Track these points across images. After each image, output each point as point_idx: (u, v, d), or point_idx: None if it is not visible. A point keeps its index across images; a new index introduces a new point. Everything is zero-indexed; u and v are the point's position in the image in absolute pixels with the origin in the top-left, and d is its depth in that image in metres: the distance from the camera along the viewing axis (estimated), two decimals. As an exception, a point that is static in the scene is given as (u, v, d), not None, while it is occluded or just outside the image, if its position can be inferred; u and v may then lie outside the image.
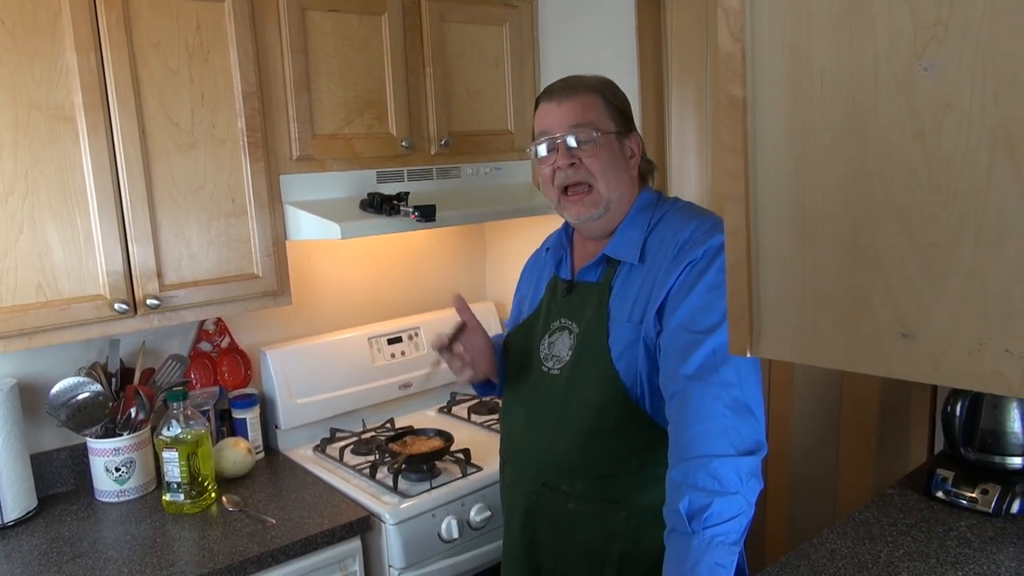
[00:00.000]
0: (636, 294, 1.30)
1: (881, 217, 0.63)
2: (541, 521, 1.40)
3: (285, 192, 1.87)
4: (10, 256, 1.52)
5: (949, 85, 0.58)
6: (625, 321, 1.30)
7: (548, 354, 1.40)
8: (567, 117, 1.32)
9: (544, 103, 1.37)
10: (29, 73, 1.51)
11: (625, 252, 1.34)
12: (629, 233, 1.35)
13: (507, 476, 1.51)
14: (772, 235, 0.69)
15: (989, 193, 0.57)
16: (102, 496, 1.82)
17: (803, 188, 0.67)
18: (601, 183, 1.33)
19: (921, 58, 0.59)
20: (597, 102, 1.33)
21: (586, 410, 1.32)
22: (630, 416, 1.29)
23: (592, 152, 1.32)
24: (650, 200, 1.39)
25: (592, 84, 1.36)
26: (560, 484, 1.36)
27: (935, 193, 0.60)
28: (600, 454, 1.31)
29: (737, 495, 1.15)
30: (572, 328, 1.37)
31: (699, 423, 1.17)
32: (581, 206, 1.35)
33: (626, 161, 1.36)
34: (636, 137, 1.39)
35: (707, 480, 1.14)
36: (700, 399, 1.18)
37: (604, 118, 1.33)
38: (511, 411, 1.48)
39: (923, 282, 0.61)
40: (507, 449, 1.51)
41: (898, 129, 0.61)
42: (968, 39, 0.56)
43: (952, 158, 0.58)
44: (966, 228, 0.58)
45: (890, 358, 0.63)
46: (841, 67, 0.63)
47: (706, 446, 1.16)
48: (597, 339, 1.31)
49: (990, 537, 1.37)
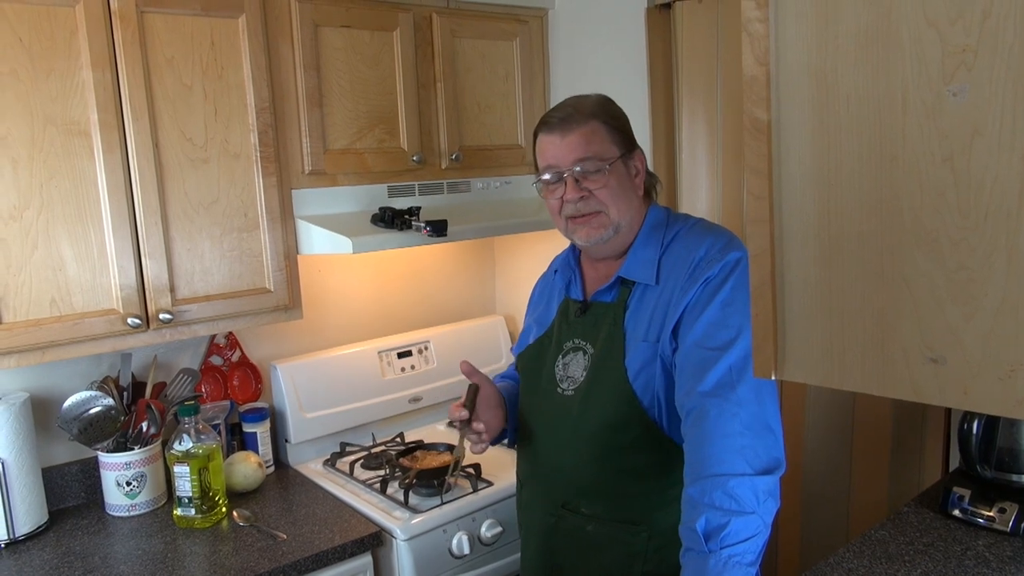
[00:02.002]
0: (651, 313, 1.29)
1: (909, 240, 0.62)
2: (560, 543, 1.38)
3: (297, 206, 1.88)
4: (24, 271, 1.52)
5: (978, 110, 0.57)
6: (641, 340, 1.29)
7: (563, 375, 1.39)
8: (572, 151, 1.30)
9: (544, 135, 1.34)
10: (45, 89, 1.52)
11: (640, 273, 1.33)
12: (642, 253, 1.34)
13: (524, 498, 1.50)
14: (797, 257, 0.69)
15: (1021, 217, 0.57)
16: (113, 510, 1.82)
17: (829, 211, 0.67)
18: (613, 210, 1.32)
19: (950, 83, 0.59)
20: (599, 130, 1.31)
21: (603, 430, 1.31)
22: (648, 435, 1.28)
23: (602, 182, 1.30)
24: (660, 218, 1.38)
25: (591, 111, 1.33)
26: (579, 506, 1.35)
27: (965, 217, 0.59)
28: (618, 474, 1.30)
29: (754, 515, 1.14)
30: (586, 349, 1.36)
31: (716, 441, 1.16)
32: (589, 228, 1.33)
33: (631, 181, 1.35)
34: (639, 154, 1.38)
35: (724, 499, 1.14)
36: (717, 417, 1.17)
37: (608, 145, 1.31)
38: (527, 433, 1.47)
39: (952, 306, 0.61)
40: (524, 471, 1.50)
41: (927, 153, 0.61)
42: (997, 65, 0.56)
43: (982, 182, 0.58)
44: (997, 252, 0.58)
45: (919, 383, 0.63)
46: (868, 91, 0.63)
47: (723, 464, 1.15)
48: (613, 359, 1.31)
49: (1008, 556, 1.36)
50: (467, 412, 1.41)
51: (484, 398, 1.46)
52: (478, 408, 1.44)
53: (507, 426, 1.53)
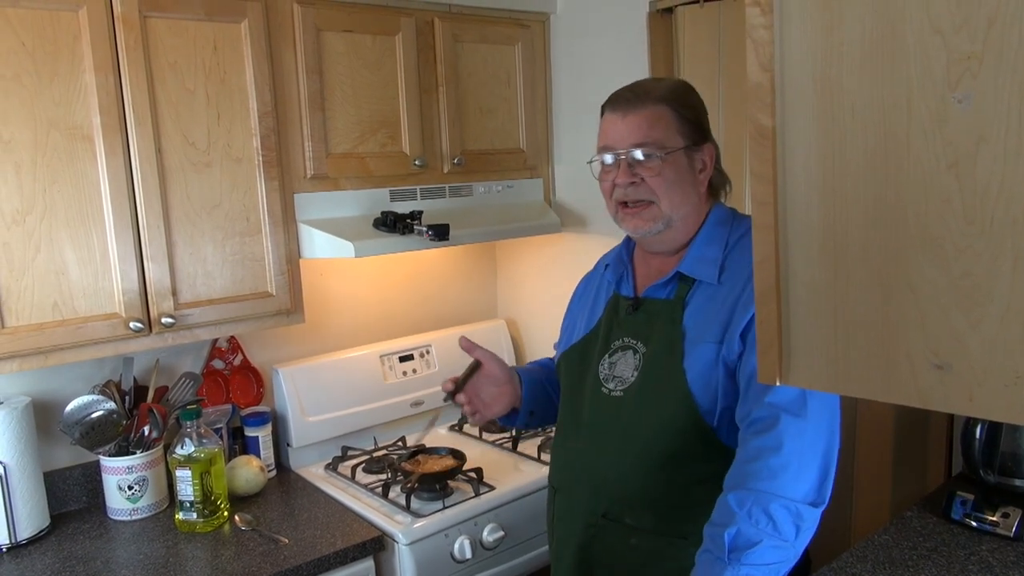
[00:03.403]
0: (714, 313, 1.22)
1: (914, 247, 0.63)
2: (599, 557, 1.29)
3: (299, 210, 1.88)
4: (27, 275, 1.53)
5: (984, 118, 0.58)
6: (703, 341, 1.21)
7: (609, 375, 1.30)
8: (631, 133, 1.24)
9: (609, 113, 1.28)
10: (48, 93, 1.52)
11: (702, 270, 1.25)
12: (705, 250, 1.27)
13: (559, 507, 1.39)
14: (802, 263, 0.69)
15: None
16: (115, 514, 1.82)
17: (834, 217, 0.67)
18: (664, 201, 1.25)
19: (955, 90, 0.59)
20: (665, 115, 1.24)
21: (655, 434, 1.22)
22: (702, 442, 1.20)
23: (656, 170, 1.23)
24: (725, 216, 1.31)
25: (662, 95, 1.25)
26: (623, 516, 1.26)
27: (970, 224, 0.59)
28: (669, 483, 1.22)
29: (788, 544, 1.08)
30: (637, 347, 1.28)
31: (774, 456, 1.09)
32: (639, 219, 1.26)
33: (694, 176, 1.27)
34: (710, 148, 1.29)
35: (763, 518, 1.08)
36: (782, 432, 1.10)
37: (672, 133, 1.24)
38: (566, 436, 1.38)
39: (958, 313, 0.61)
40: (560, 477, 1.40)
41: (932, 160, 0.61)
42: (1003, 72, 0.56)
43: (988, 189, 0.58)
44: (1002, 259, 0.58)
45: (924, 389, 0.63)
46: (873, 97, 0.63)
47: (774, 483, 1.08)
48: (671, 359, 1.23)
49: (1012, 562, 1.35)
50: (451, 385, 1.41)
51: (485, 374, 1.42)
52: (476, 384, 1.42)
53: (520, 406, 1.48)
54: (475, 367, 1.43)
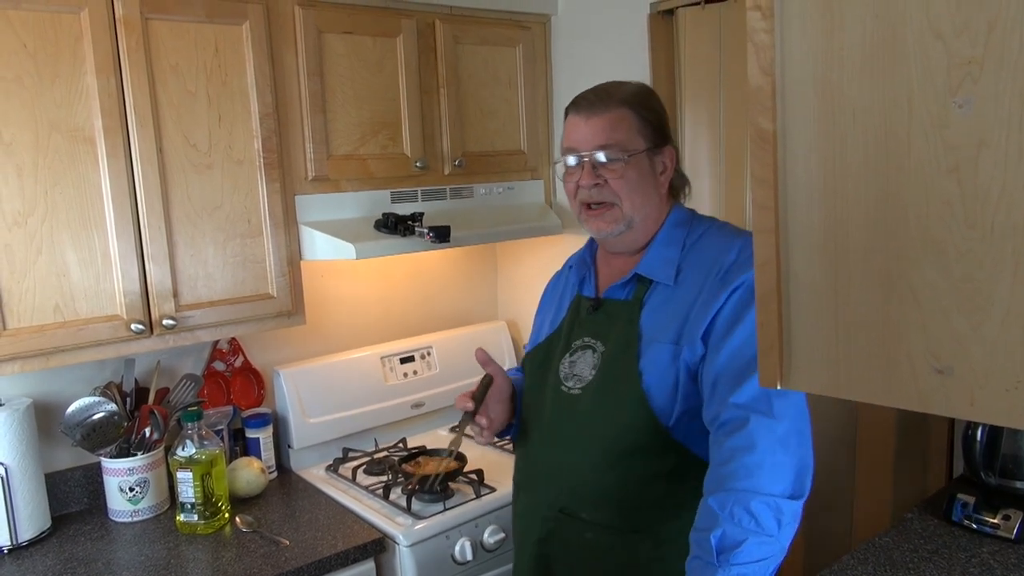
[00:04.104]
0: (671, 314, 1.24)
1: (916, 251, 0.63)
2: (556, 551, 1.33)
3: (300, 212, 1.88)
4: (29, 277, 1.53)
5: (984, 122, 0.58)
6: (658, 341, 1.24)
7: (568, 373, 1.33)
8: (595, 135, 1.27)
9: (573, 115, 1.31)
10: (50, 95, 1.52)
11: (659, 271, 1.28)
12: (663, 251, 1.30)
13: (520, 504, 1.44)
14: (803, 267, 0.69)
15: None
16: (116, 516, 1.82)
17: (835, 221, 0.67)
18: (626, 203, 1.28)
19: (955, 95, 0.59)
20: (627, 117, 1.27)
21: (610, 432, 1.25)
22: (657, 439, 1.23)
23: (619, 172, 1.26)
24: (683, 218, 1.34)
25: (624, 97, 1.29)
26: (579, 512, 1.29)
27: (971, 228, 0.59)
28: (624, 479, 1.25)
29: (773, 539, 1.10)
30: (596, 347, 1.31)
31: (747, 455, 1.11)
32: (602, 221, 1.30)
33: (655, 178, 1.31)
34: (670, 150, 1.33)
35: (744, 516, 1.09)
36: (752, 431, 1.12)
37: (634, 135, 1.27)
38: (526, 434, 1.42)
39: (959, 317, 0.61)
40: (521, 475, 1.44)
41: (933, 164, 0.61)
42: (1004, 77, 0.56)
43: (989, 194, 0.58)
44: (1004, 264, 0.58)
45: (925, 393, 0.63)
46: (874, 101, 0.63)
47: (751, 481, 1.10)
48: (626, 358, 1.25)
49: (1013, 564, 1.35)
50: (472, 404, 1.37)
51: (495, 390, 1.42)
52: (487, 401, 1.40)
53: (514, 421, 1.49)
54: (489, 382, 1.41)
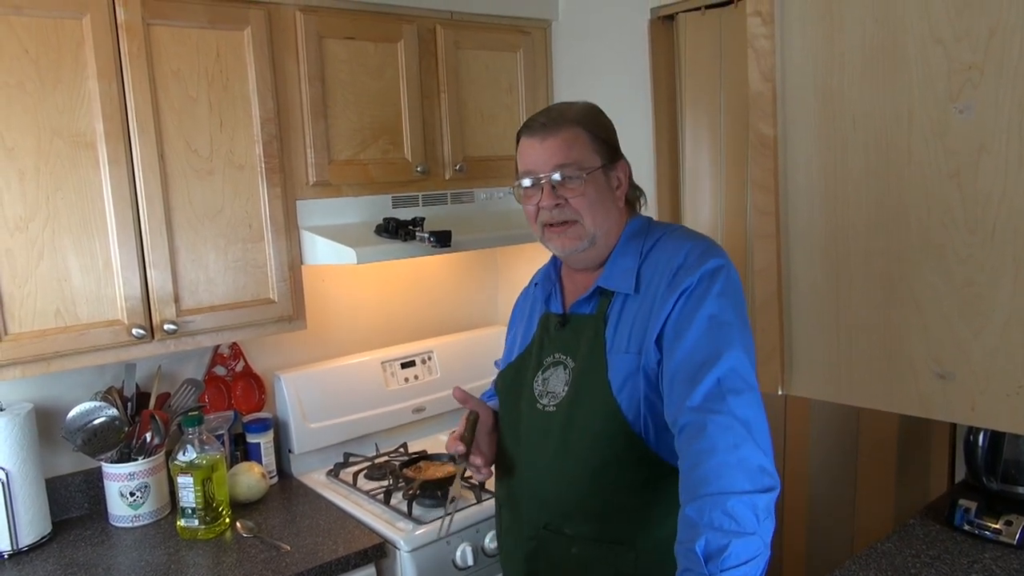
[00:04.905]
0: (632, 323, 1.25)
1: (917, 256, 0.63)
2: (543, 567, 1.33)
3: (301, 217, 1.88)
4: (30, 282, 1.53)
5: (985, 128, 0.58)
6: (623, 352, 1.25)
7: (543, 391, 1.34)
8: (551, 156, 1.27)
9: (525, 138, 1.32)
10: (52, 101, 1.52)
11: (619, 282, 1.29)
12: (621, 262, 1.30)
13: (505, 521, 1.44)
14: (804, 272, 0.69)
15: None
16: (116, 521, 1.81)
17: (836, 226, 0.67)
18: (588, 219, 1.29)
19: (956, 100, 0.59)
20: (581, 136, 1.28)
21: (587, 446, 1.26)
22: (632, 450, 1.23)
23: (579, 191, 1.27)
24: (640, 226, 1.34)
25: (575, 117, 1.30)
26: (563, 527, 1.29)
27: (972, 233, 0.60)
28: (603, 492, 1.25)
29: (754, 535, 1.09)
30: (567, 363, 1.32)
31: (711, 457, 1.12)
32: (565, 238, 1.30)
33: (612, 193, 1.32)
34: (623, 165, 1.34)
35: (723, 519, 1.09)
36: (711, 433, 1.12)
37: (589, 153, 1.28)
38: (506, 452, 1.41)
39: (960, 322, 0.61)
40: (503, 494, 1.44)
41: (933, 169, 0.61)
42: (1004, 83, 0.56)
43: (989, 199, 0.58)
44: (1004, 268, 0.58)
45: (927, 398, 0.63)
46: (874, 107, 0.63)
47: (721, 481, 1.10)
48: (595, 372, 1.26)
49: (1015, 569, 1.35)
50: (463, 447, 1.37)
51: (482, 425, 1.42)
52: (477, 437, 1.40)
53: None
54: (475, 419, 1.41)
